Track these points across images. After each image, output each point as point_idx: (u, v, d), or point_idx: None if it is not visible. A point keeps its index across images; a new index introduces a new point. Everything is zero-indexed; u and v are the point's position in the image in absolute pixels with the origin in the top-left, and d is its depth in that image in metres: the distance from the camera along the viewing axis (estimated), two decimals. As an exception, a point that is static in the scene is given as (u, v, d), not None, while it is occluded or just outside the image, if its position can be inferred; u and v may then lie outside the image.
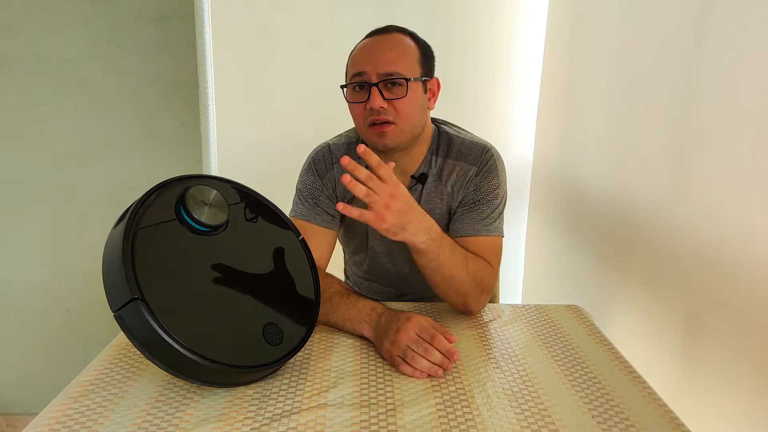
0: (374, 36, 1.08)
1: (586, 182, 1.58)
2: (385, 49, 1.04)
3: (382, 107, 1.02)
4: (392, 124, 1.03)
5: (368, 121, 1.04)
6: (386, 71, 1.01)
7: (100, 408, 0.75)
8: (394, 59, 1.02)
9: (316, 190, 1.15)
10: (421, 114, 1.08)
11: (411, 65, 1.04)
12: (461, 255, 0.99)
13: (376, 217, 0.84)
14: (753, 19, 0.90)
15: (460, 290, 1.00)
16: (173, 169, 1.82)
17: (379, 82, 1.01)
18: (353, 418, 0.73)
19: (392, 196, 0.84)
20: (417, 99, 1.05)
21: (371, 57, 1.03)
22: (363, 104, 1.03)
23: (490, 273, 1.05)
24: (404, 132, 1.05)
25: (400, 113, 1.03)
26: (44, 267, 1.88)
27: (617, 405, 0.76)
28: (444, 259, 0.95)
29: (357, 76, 1.03)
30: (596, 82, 1.53)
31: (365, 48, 1.06)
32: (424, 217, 0.91)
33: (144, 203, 0.78)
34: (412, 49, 1.06)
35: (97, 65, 1.74)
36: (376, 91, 1.01)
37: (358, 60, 1.05)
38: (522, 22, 1.89)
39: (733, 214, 0.94)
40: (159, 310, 0.70)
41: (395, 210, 0.85)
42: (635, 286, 1.29)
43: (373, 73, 1.02)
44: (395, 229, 0.87)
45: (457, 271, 0.98)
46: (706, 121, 1.02)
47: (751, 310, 0.90)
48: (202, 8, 1.72)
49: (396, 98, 1.02)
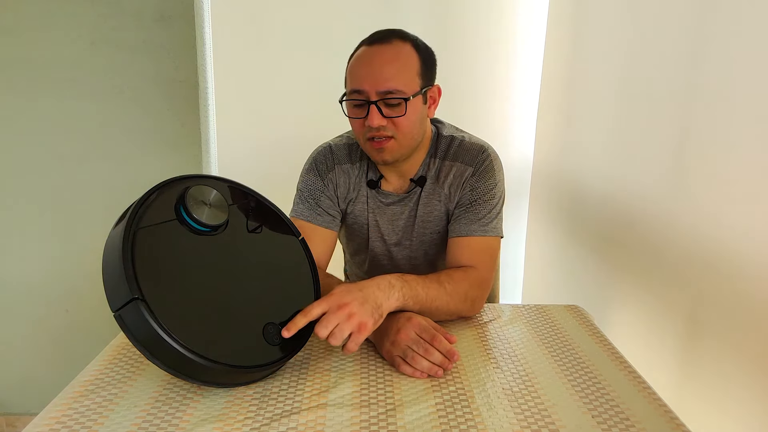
0: (374, 45, 1.03)
1: (586, 182, 1.58)
2: (384, 64, 1.00)
3: (382, 125, 1.01)
4: (391, 139, 1.03)
5: (367, 136, 1.03)
6: (385, 89, 0.99)
7: (100, 408, 0.75)
8: (393, 75, 0.99)
9: (317, 191, 1.15)
10: (421, 126, 1.07)
11: (410, 80, 1.01)
12: (435, 282, 0.96)
13: (358, 332, 0.81)
14: (753, 19, 0.90)
15: (449, 312, 0.99)
16: (173, 169, 1.82)
17: (378, 100, 0.99)
18: (353, 418, 0.73)
19: (348, 313, 0.81)
20: (416, 114, 1.04)
21: (370, 73, 1.00)
22: (362, 120, 1.02)
23: (475, 281, 1.03)
24: (403, 146, 1.05)
25: (399, 129, 1.02)
26: (44, 267, 1.88)
27: (617, 405, 0.76)
28: (421, 297, 0.92)
29: (355, 93, 1.01)
30: (596, 82, 1.53)
31: (364, 61, 1.02)
32: (372, 283, 0.87)
33: (144, 203, 0.78)
34: (413, 60, 1.02)
35: (97, 65, 1.74)
36: (375, 110, 1.00)
37: (357, 75, 1.02)
38: (522, 23, 1.89)
39: (733, 214, 0.94)
40: (159, 310, 0.70)
41: (360, 312, 0.82)
42: (635, 286, 1.29)
43: (371, 91, 0.99)
44: (376, 317, 0.84)
45: (439, 303, 0.95)
46: (706, 121, 1.02)
47: (751, 310, 0.90)
48: (202, 8, 1.72)
49: (395, 116, 1.01)
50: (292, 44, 1.83)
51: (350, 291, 0.84)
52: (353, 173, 1.17)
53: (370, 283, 0.87)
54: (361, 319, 0.81)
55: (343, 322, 0.80)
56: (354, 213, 1.19)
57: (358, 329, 0.81)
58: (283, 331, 0.80)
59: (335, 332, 0.80)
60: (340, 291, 0.84)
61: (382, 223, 1.18)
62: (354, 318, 0.81)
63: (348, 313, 0.81)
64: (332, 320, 0.80)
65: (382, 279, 0.89)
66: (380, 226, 1.19)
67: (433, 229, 1.16)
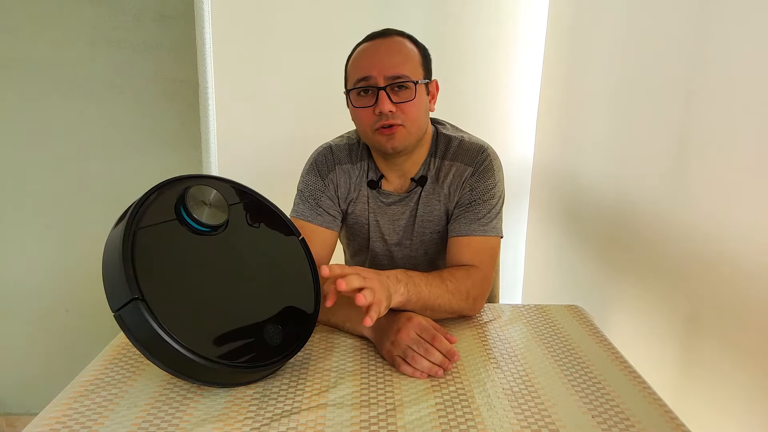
0: (375, 40, 1.07)
1: (586, 182, 1.58)
2: (390, 52, 1.03)
3: (391, 111, 1.01)
4: (400, 126, 1.03)
5: (376, 125, 1.03)
6: (393, 74, 1.01)
7: (100, 408, 0.75)
8: (400, 62, 1.02)
9: (318, 191, 1.15)
10: (425, 116, 1.09)
11: (415, 68, 1.05)
12: (437, 279, 0.96)
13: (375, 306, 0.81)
14: (753, 19, 0.90)
15: (450, 310, 1.00)
16: (173, 169, 1.82)
17: (386, 86, 1.01)
18: (353, 418, 0.73)
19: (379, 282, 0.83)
20: (423, 101, 1.06)
21: (376, 61, 1.02)
22: (370, 109, 1.03)
23: (476, 279, 1.03)
24: (411, 134, 1.06)
25: (408, 116, 1.03)
26: (44, 267, 1.88)
27: (617, 405, 0.76)
28: (424, 294, 0.93)
29: (363, 81, 1.02)
30: (596, 82, 1.53)
31: (368, 52, 1.05)
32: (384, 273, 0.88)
33: (144, 203, 0.78)
34: (414, 52, 1.06)
35: (97, 65, 1.74)
36: (384, 95, 1.01)
37: (363, 64, 1.04)
38: (522, 23, 1.89)
39: (733, 214, 0.94)
40: (159, 310, 0.70)
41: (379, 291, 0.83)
42: (635, 286, 1.29)
43: (380, 77, 1.01)
44: (387, 303, 0.84)
45: (441, 300, 0.96)
46: (706, 121, 1.02)
47: (751, 310, 0.90)
48: (202, 8, 1.72)
49: (404, 101, 1.02)
50: (292, 44, 1.83)
51: (368, 270, 0.84)
52: (354, 173, 1.17)
53: (382, 273, 0.88)
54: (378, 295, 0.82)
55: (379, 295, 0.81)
56: (355, 213, 1.19)
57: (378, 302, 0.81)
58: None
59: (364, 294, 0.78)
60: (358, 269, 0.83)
61: (382, 223, 1.18)
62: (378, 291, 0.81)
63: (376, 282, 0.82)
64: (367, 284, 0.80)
65: (389, 272, 0.89)
66: (381, 226, 1.19)
67: (433, 229, 1.16)
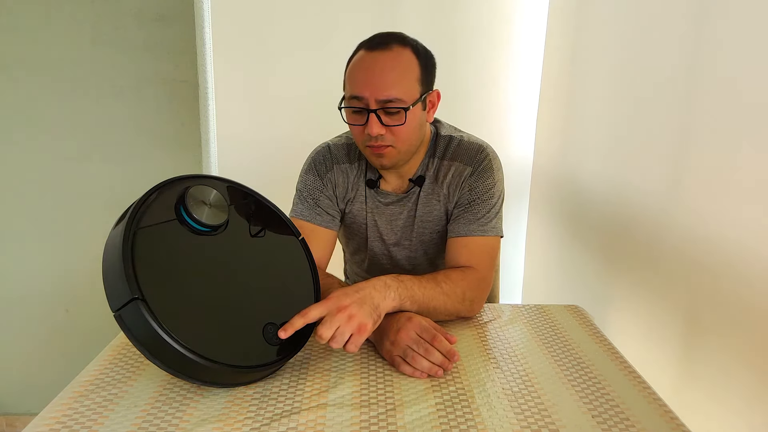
0: (374, 51, 1.01)
1: (586, 182, 1.58)
2: (384, 72, 0.99)
3: (381, 134, 1.00)
4: (390, 147, 1.03)
5: (366, 143, 1.03)
6: (385, 97, 0.98)
7: (100, 408, 0.75)
8: (393, 82, 0.98)
9: (317, 191, 1.15)
10: (420, 131, 1.07)
11: (410, 87, 1.00)
12: (431, 282, 0.96)
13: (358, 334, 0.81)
14: (753, 19, 0.90)
15: (447, 312, 0.99)
16: (173, 169, 1.82)
17: (377, 109, 0.99)
18: (353, 418, 0.73)
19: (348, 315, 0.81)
20: (416, 121, 1.04)
21: (370, 80, 0.99)
22: (361, 127, 1.02)
23: (473, 281, 1.02)
24: (402, 153, 1.05)
25: (398, 137, 1.02)
26: (44, 267, 1.89)
27: (617, 405, 0.76)
28: (418, 297, 0.92)
29: (355, 100, 1.00)
30: (596, 82, 1.53)
31: (363, 67, 1.01)
32: (368, 284, 0.87)
33: (144, 203, 0.78)
34: (412, 67, 1.01)
35: (97, 65, 1.74)
36: (374, 118, 0.99)
37: (357, 81, 1.01)
38: (522, 23, 1.89)
39: (733, 214, 0.94)
40: (159, 310, 0.70)
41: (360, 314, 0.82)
42: (635, 286, 1.29)
43: (371, 99, 0.98)
44: (374, 317, 0.84)
45: (436, 303, 0.95)
46: (706, 121, 1.02)
47: (751, 310, 0.90)
48: (202, 8, 1.72)
49: (395, 125, 1.00)
50: (292, 44, 1.83)
51: (347, 294, 0.84)
52: (352, 173, 1.17)
53: (366, 284, 0.87)
54: (361, 320, 0.82)
55: (343, 325, 0.80)
56: (352, 213, 1.19)
57: (358, 330, 0.81)
58: (279, 332, 0.80)
59: (336, 335, 0.80)
60: (337, 294, 0.84)
61: (380, 223, 1.18)
62: (354, 319, 0.81)
63: (348, 315, 0.81)
64: (334, 322, 0.80)
65: (377, 280, 0.89)
66: (379, 225, 1.19)
67: (432, 229, 1.16)
